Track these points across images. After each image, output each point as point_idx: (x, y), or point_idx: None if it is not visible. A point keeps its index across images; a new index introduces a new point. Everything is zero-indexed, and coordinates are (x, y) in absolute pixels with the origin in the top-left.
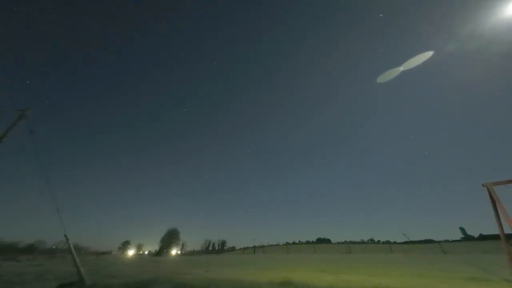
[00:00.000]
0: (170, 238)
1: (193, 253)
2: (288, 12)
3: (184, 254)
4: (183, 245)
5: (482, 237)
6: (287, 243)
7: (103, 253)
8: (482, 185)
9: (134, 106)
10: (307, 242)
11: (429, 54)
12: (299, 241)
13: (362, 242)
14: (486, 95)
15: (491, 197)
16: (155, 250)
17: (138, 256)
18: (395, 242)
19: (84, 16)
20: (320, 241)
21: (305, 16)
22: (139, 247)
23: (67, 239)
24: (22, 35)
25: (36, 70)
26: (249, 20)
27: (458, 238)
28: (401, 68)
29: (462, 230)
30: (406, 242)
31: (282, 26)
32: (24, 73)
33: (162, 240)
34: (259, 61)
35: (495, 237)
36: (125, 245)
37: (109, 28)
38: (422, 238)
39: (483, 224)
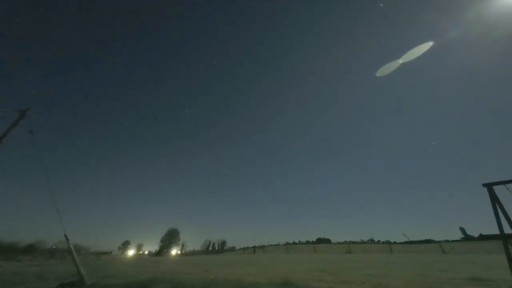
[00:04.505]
0: (170, 238)
1: (193, 253)
2: (288, 8)
3: (184, 254)
4: (183, 245)
5: (482, 237)
6: (287, 243)
7: (103, 253)
8: (482, 185)
9: (135, 106)
10: (307, 242)
11: (428, 45)
12: (299, 241)
13: (362, 242)
14: (488, 86)
15: (491, 197)
16: (155, 250)
17: (138, 256)
18: (395, 242)
19: (84, 18)
20: (320, 241)
21: (304, 10)
22: (139, 247)
23: (67, 239)
24: (24, 36)
25: (37, 71)
26: (250, 18)
27: (458, 238)
28: (400, 61)
29: (462, 230)
30: (406, 242)
31: (283, 23)
32: (25, 74)
33: (162, 240)
34: (260, 60)
35: (495, 237)
36: (125, 245)
37: (110, 29)
38: (422, 238)
39: (483, 224)
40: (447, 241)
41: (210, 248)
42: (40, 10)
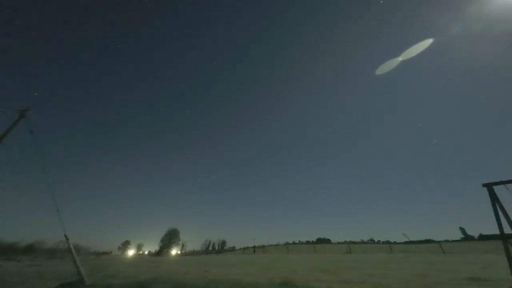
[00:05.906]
0: (170, 238)
1: (193, 253)
2: (288, 7)
3: (184, 254)
4: (183, 245)
5: (482, 237)
6: (287, 243)
7: (103, 253)
8: (482, 185)
9: (135, 107)
10: (307, 242)
11: (428, 42)
12: (299, 241)
13: (362, 242)
14: (489, 83)
15: (491, 197)
16: (155, 250)
17: (138, 256)
18: (395, 242)
19: (84, 18)
20: (320, 241)
21: (304, 9)
22: (139, 247)
23: (67, 239)
24: (24, 37)
25: (37, 71)
26: (249, 17)
27: (458, 238)
28: (400, 59)
29: (462, 230)
30: (406, 242)
31: (282, 23)
32: (26, 75)
33: (162, 240)
34: (260, 59)
35: (495, 237)
36: (125, 245)
37: (110, 29)
38: (422, 238)
39: (483, 224)
40: (447, 241)
41: (210, 248)
42: (40, 10)
